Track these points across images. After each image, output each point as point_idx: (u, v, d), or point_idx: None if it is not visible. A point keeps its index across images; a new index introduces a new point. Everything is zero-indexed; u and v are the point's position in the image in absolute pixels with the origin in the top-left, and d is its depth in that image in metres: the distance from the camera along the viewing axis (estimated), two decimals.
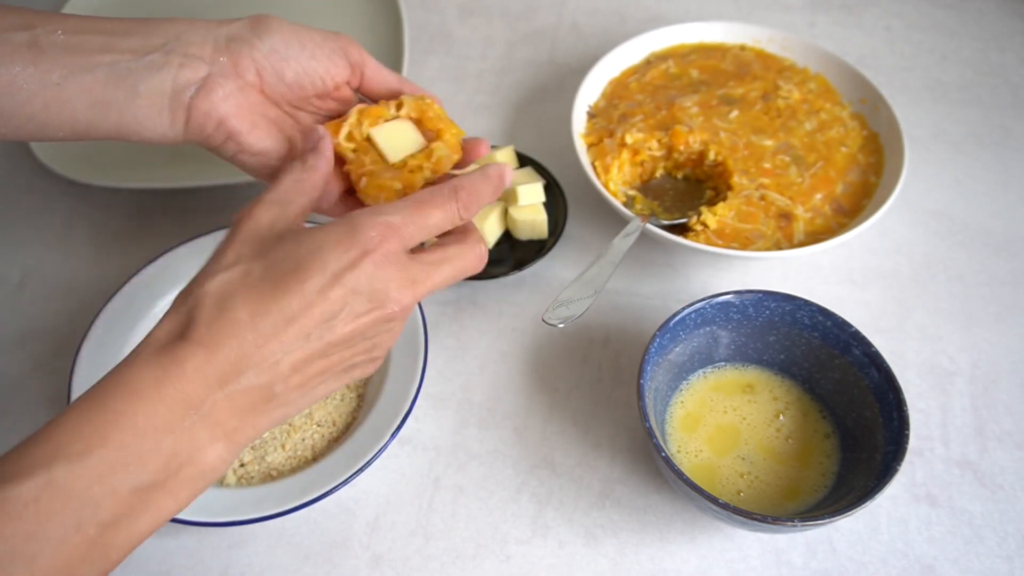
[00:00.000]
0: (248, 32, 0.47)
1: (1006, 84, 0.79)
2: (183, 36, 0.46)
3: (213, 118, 0.46)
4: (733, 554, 0.51)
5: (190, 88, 0.46)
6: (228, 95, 0.46)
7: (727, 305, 0.54)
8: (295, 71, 0.48)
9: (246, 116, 0.47)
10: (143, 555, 0.51)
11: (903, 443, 0.47)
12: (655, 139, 0.66)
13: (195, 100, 0.46)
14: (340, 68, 0.50)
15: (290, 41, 0.48)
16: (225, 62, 0.47)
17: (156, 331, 0.37)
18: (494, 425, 0.57)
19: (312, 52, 0.49)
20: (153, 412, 0.34)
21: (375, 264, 0.38)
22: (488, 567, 0.51)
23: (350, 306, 0.38)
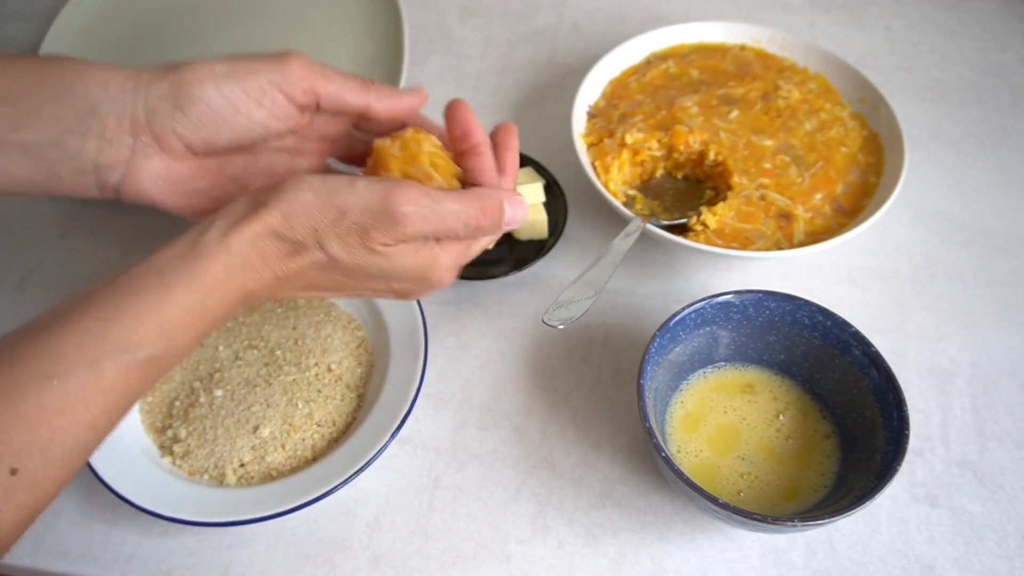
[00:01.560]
0: (169, 104, 0.42)
1: (1006, 84, 0.79)
2: (99, 110, 0.42)
3: (143, 199, 0.44)
4: (733, 554, 0.51)
5: (113, 172, 0.43)
6: (156, 178, 0.43)
7: (727, 305, 0.54)
8: (229, 138, 0.44)
9: (180, 192, 0.45)
10: (143, 555, 0.51)
11: (903, 443, 0.47)
12: (655, 139, 0.66)
13: (121, 184, 0.43)
14: (285, 119, 0.45)
15: (219, 109, 0.43)
16: (147, 140, 0.43)
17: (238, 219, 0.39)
18: (494, 425, 0.57)
19: (248, 114, 0.43)
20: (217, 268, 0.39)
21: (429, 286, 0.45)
22: (488, 567, 0.51)
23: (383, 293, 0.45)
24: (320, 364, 0.56)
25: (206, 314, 0.38)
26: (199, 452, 0.52)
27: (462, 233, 0.42)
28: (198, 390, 0.55)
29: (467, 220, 0.42)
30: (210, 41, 0.81)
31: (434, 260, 0.43)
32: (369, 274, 0.42)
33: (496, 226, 0.43)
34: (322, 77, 0.44)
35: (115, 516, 0.52)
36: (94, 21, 0.83)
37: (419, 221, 0.40)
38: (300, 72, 0.43)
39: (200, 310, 0.38)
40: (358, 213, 0.39)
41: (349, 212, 0.39)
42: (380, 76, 0.76)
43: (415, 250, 0.42)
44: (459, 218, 0.41)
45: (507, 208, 0.44)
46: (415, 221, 0.40)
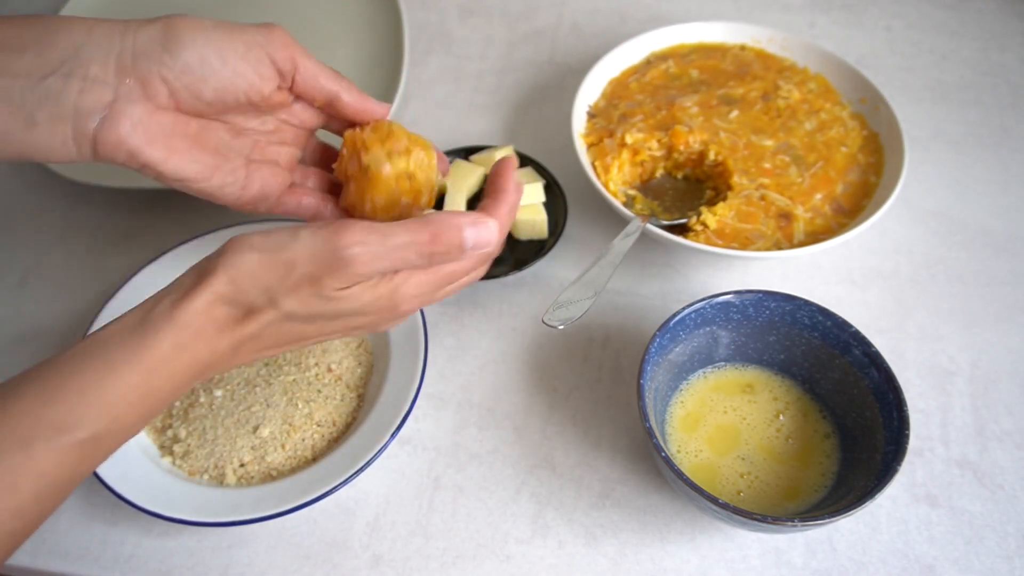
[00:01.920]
0: (157, 47, 0.42)
1: (1006, 84, 0.79)
2: (82, 51, 0.41)
3: (123, 149, 0.42)
4: (733, 554, 0.51)
5: (93, 117, 0.41)
6: (137, 124, 0.42)
7: (727, 305, 0.54)
8: (214, 88, 0.43)
9: (160, 143, 0.43)
10: (143, 555, 0.51)
11: (903, 443, 0.47)
12: (655, 139, 0.66)
13: (100, 131, 0.42)
14: (267, 79, 0.45)
15: (206, 56, 0.42)
16: (132, 84, 0.42)
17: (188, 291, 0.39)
18: (494, 425, 0.57)
19: (234, 66, 0.43)
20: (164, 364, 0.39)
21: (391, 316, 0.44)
22: (488, 567, 0.51)
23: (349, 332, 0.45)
24: (320, 364, 0.56)
25: (153, 391, 0.38)
26: (199, 452, 0.52)
27: (419, 263, 0.41)
28: (198, 390, 0.55)
29: (420, 250, 0.40)
30: None
31: (395, 292, 0.42)
32: (329, 319, 0.41)
33: (455, 252, 0.41)
34: (301, 51, 0.45)
35: (115, 516, 0.52)
36: None
37: (370, 260, 0.39)
38: (282, 40, 0.44)
39: (146, 387, 0.37)
40: (305, 263, 0.39)
41: (297, 264, 0.39)
42: (380, 76, 0.77)
43: (373, 287, 0.41)
44: (411, 249, 0.40)
45: (469, 232, 0.41)
46: (366, 261, 0.39)
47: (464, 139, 0.74)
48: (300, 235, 0.39)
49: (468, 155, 0.69)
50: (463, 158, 0.69)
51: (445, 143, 0.73)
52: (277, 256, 0.39)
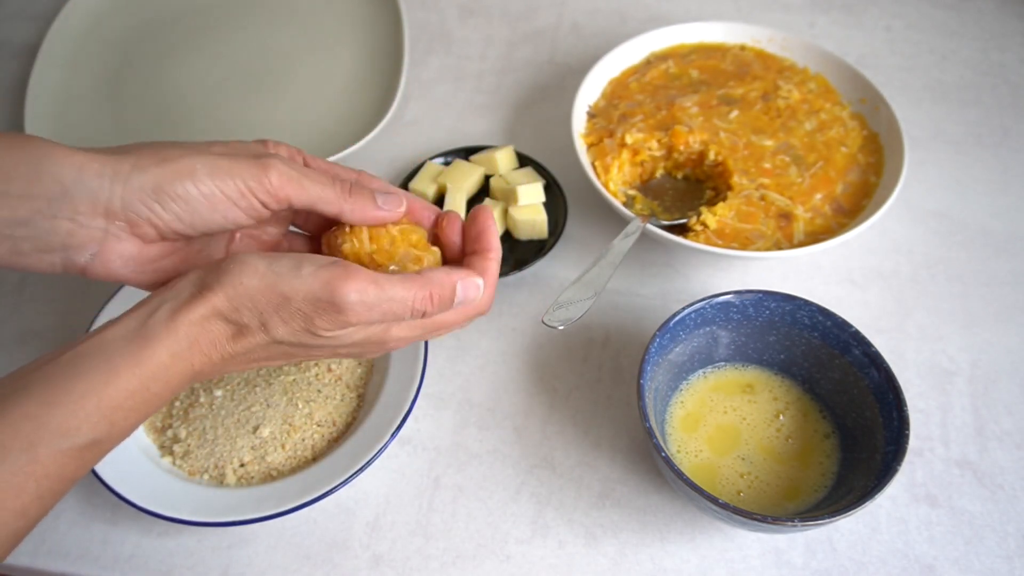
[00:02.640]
0: (148, 197, 0.42)
1: (1006, 84, 0.79)
2: (71, 193, 0.41)
3: (113, 278, 0.44)
4: (733, 554, 0.51)
5: (83, 253, 0.42)
6: (127, 260, 0.43)
7: (727, 305, 0.54)
8: (202, 230, 0.44)
9: (148, 273, 0.45)
10: (143, 555, 0.51)
11: (903, 443, 0.47)
12: (655, 139, 0.66)
13: (91, 265, 0.43)
14: (258, 216, 0.44)
15: (196, 207, 0.42)
16: (121, 226, 0.42)
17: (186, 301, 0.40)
18: (494, 425, 0.57)
19: (225, 212, 0.43)
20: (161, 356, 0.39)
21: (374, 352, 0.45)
22: (488, 567, 0.51)
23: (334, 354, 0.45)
24: (320, 364, 0.56)
25: (150, 398, 0.39)
26: (199, 452, 0.52)
27: (409, 318, 0.43)
28: (198, 390, 0.55)
29: (414, 306, 0.42)
30: (210, 41, 0.81)
31: (384, 333, 0.43)
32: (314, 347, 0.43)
33: (445, 309, 0.43)
34: (298, 187, 0.43)
35: (115, 516, 0.52)
36: (94, 21, 0.83)
37: (363, 311, 0.40)
38: (277, 183, 0.43)
39: (144, 394, 0.38)
40: (301, 301, 0.40)
41: (293, 298, 0.40)
42: (380, 76, 0.77)
43: (363, 329, 0.42)
44: (406, 304, 0.41)
45: (459, 289, 0.43)
46: (359, 312, 0.40)
47: (464, 139, 0.74)
48: (303, 270, 0.40)
49: (468, 155, 0.69)
50: (463, 158, 0.69)
51: (445, 143, 0.73)
52: (276, 286, 0.40)
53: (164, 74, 0.78)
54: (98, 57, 0.80)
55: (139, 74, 0.79)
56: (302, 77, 0.78)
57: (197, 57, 0.80)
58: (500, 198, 0.66)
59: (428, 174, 0.67)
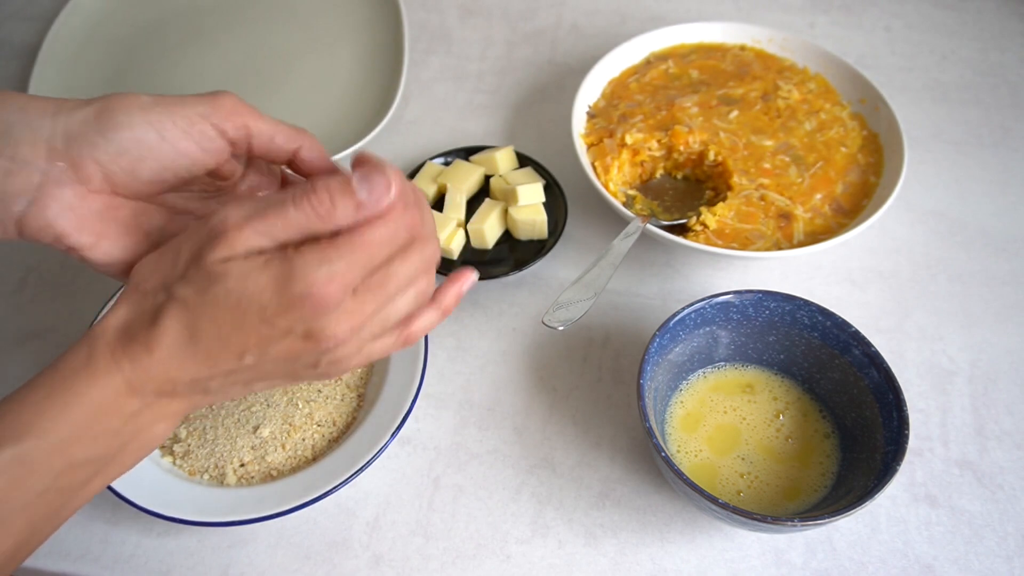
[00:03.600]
0: (91, 129, 0.39)
1: (1006, 84, 0.79)
2: (12, 131, 0.39)
3: (49, 233, 0.40)
4: (733, 554, 0.51)
5: (19, 200, 0.39)
6: (66, 208, 0.39)
7: (727, 305, 0.54)
8: (152, 168, 0.40)
9: (90, 228, 0.40)
10: (143, 555, 0.51)
11: (903, 443, 0.47)
12: (655, 139, 0.66)
13: (26, 214, 0.39)
14: (213, 152, 0.41)
15: (144, 136, 0.39)
16: (63, 167, 0.39)
17: (118, 314, 0.38)
18: (494, 425, 0.57)
19: (174, 143, 0.40)
20: (108, 397, 0.37)
21: (312, 309, 0.36)
22: (488, 567, 0.51)
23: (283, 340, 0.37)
24: None
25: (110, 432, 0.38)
26: (199, 452, 0.52)
27: (297, 214, 0.36)
28: None
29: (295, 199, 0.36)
30: (210, 41, 0.81)
31: (291, 272, 0.35)
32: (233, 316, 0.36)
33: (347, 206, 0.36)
34: (253, 114, 0.41)
35: (115, 516, 0.52)
36: (94, 21, 0.84)
37: (241, 221, 0.36)
38: (231, 107, 0.41)
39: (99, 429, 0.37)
40: (187, 244, 0.37)
41: (181, 248, 0.37)
42: (380, 76, 0.77)
43: (262, 265, 0.36)
44: (286, 201, 0.36)
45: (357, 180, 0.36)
46: (236, 222, 0.36)
47: (464, 139, 0.74)
48: (192, 224, 0.38)
49: (468, 155, 0.69)
50: (463, 158, 0.69)
51: (445, 143, 0.73)
52: (167, 248, 0.38)
53: (164, 74, 0.78)
54: (98, 57, 0.80)
55: (139, 74, 0.79)
56: (302, 77, 0.78)
57: (197, 57, 0.80)
58: (500, 198, 0.66)
59: (428, 174, 0.67)
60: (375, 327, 0.39)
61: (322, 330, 0.37)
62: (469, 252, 0.64)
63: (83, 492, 0.38)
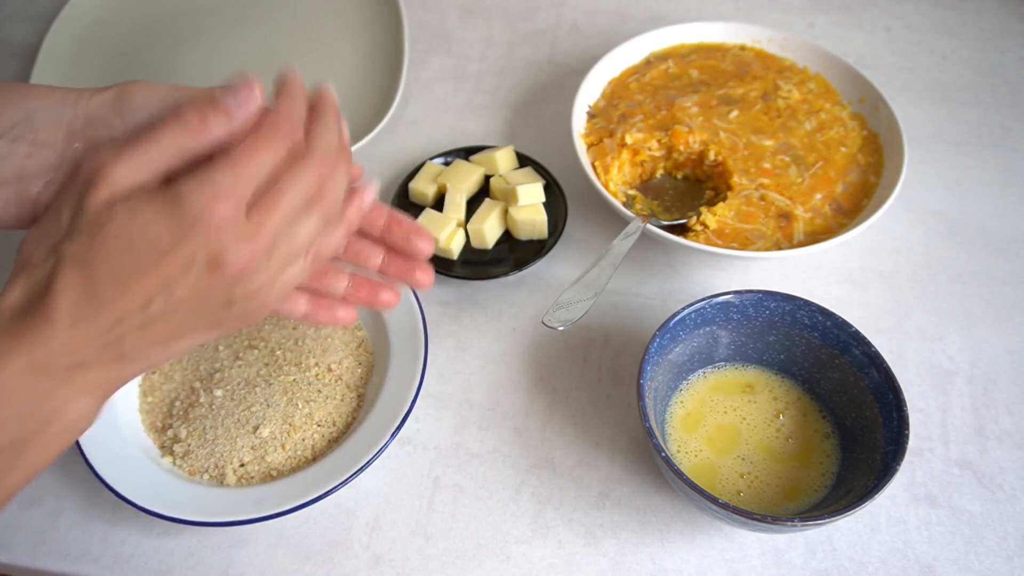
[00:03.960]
0: (109, 111, 0.40)
1: (1006, 84, 0.79)
2: (35, 116, 0.40)
3: None
4: (733, 554, 0.51)
5: (37, 181, 0.40)
6: None
7: (727, 305, 0.54)
8: None
9: None
10: (143, 555, 0.51)
11: (903, 443, 0.47)
12: (655, 139, 0.66)
13: (43, 196, 0.40)
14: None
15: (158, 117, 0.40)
16: (79, 148, 0.40)
17: (10, 295, 0.36)
18: (494, 425, 0.57)
19: None
20: (12, 380, 0.34)
21: (206, 232, 0.35)
22: (488, 567, 0.51)
23: (184, 274, 0.35)
24: (320, 364, 0.56)
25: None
26: (199, 452, 0.52)
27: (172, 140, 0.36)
28: (198, 390, 0.55)
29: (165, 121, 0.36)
30: (210, 41, 0.81)
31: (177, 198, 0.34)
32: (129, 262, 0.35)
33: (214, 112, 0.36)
34: None
35: (115, 516, 0.52)
36: (94, 21, 0.84)
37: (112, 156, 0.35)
38: None
39: None
40: (67, 201, 0.36)
41: (61, 208, 0.36)
42: (380, 76, 0.77)
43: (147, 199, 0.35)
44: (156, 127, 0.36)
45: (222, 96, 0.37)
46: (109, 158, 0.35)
47: (464, 139, 0.74)
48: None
49: (468, 155, 0.69)
50: (463, 158, 0.69)
51: (445, 143, 0.73)
52: (49, 211, 0.37)
53: (164, 74, 0.78)
54: (98, 57, 0.80)
55: (139, 74, 0.79)
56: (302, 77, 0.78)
57: (197, 58, 0.80)
58: (500, 198, 0.66)
59: (428, 174, 0.67)
60: (281, 253, 0.37)
61: (222, 255, 0.35)
62: (469, 252, 0.64)
63: (6, 481, 0.36)
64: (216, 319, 0.38)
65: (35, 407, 0.35)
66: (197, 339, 0.38)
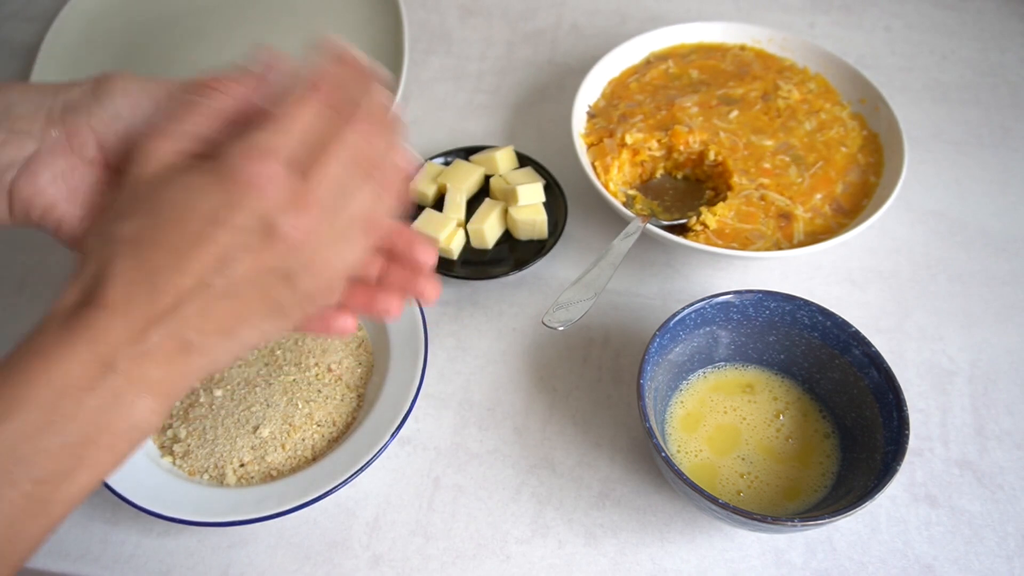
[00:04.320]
0: (89, 99, 0.39)
1: (1006, 84, 0.79)
2: (14, 107, 0.39)
3: (38, 205, 0.39)
4: (733, 554, 0.51)
5: (12, 169, 0.38)
6: (57, 177, 0.39)
7: (727, 305, 0.54)
8: None
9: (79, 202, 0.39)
10: (143, 555, 0.51)
11: (903, 443, 0.47)
12: (655, 139, 0.66)
13: (17, 182, 0.38)
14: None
15: (138, 103, 0.39)
16: (58, 136, 0.39)
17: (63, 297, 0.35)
18: (494, 425, 0.57)
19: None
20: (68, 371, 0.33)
21: (256, 195, 0.33)
22: (488, 567, 0.51)
23: (240, 245, 0.34)
24: (320, 364, 0.56)
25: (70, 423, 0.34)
26: (199, 452, 0.52)
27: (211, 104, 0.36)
28: (198, 390, 0.55)
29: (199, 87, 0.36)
30: (209, 41, 0.81)
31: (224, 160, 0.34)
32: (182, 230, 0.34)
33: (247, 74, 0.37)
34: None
35: (115, 516, 0.52)
36: (94, 21, 0.84)
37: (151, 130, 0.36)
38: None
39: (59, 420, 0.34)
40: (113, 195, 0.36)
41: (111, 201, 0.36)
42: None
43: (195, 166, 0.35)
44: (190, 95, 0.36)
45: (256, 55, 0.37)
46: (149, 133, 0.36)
47: (464, 139, 0.74)
48: None
49: (468, 155, 0.69)
50: (463, 158, 0.69)
51: (445, 143, 0.73)
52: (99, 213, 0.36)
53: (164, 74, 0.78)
54: (98, 57, 0.80)
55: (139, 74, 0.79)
56: None
57: (197, 57, 0.80)
58: (500, 198, 0.66)
59: (428, 174, 0.67)
60: (337, 223, 0.35)
61: (275, 221, 0.33)
62: (469, 252, 0.64)
63: (71, 484, 0.34)
64: (278, 303, 0.36)
65: (98, 404, 0.34)
66: (262, 328, 0.37)
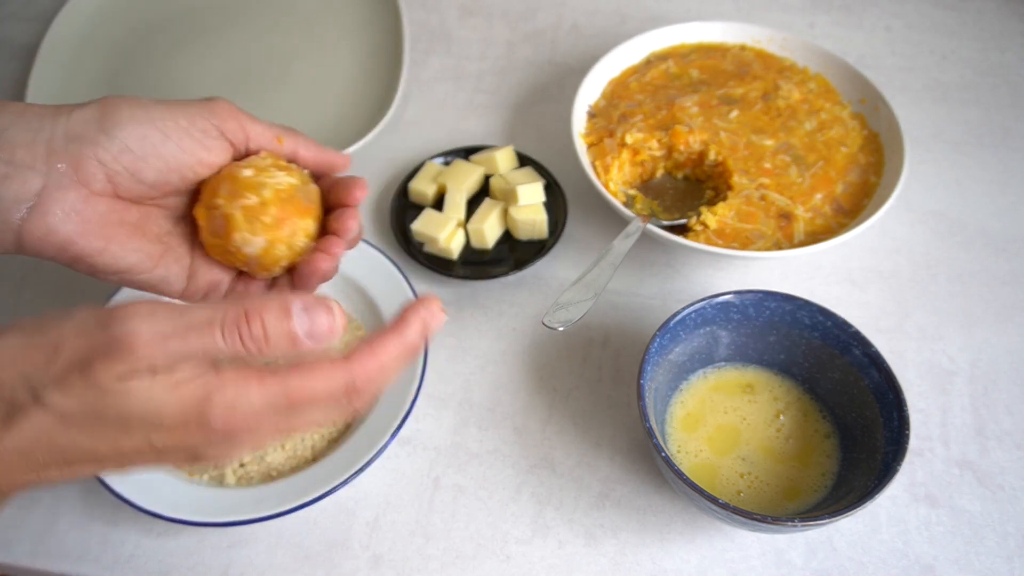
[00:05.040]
0: (92, 128, 0.38)
1: (1006, 84, 0.79)
2: (7, 134, 0.36)
3: (52, 243, 0.37)
4: (733, 554, 0.51)
5: (20, 207, 0.36)
6: (69, 213, 0.37)
7: (727, 305, 0.54)
8: (156, 168, 0.39)
9: (96, 233, 0.38)
10: (143, 555, 0.51)
11: (903, 443, 0.47)
12: (655, 139, 0.66)
13: (27, 222, 0.37)
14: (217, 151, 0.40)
15: (147, 134, 0.38)
16: (64, 169, 0.37)
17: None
18: (494, 425, 0.57)
19: (177, 141, 0.39)
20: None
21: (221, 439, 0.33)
22: (488, 567, 0.51)
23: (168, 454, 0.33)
24: None
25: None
26: None
27: (226, 346, 0.32)
28: None
29: (225, 326, 0.32)
30: (210, 41, 0.81)
31: (207, 397, 0.31)
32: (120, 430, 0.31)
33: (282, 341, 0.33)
34: (248, 118, 0.42)
35: (115, 516, 0.52)
36: (94, 22, 0.83)
37: (155, 340, 0.31)
38: (228, 110, 0.41)
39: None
40: (72, 343, 0.31)
41: (63, 346, 0.31)
42: (380, 76, 0.77)
43: (174, 385, 0.31)
44: (213, 326, 0.32)
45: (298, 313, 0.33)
46: (149, 340, 0.30)
47: (464, 139, 0.74)
48: (75, 311, 0.32)
49: (468, 155, 0.69)
50: (463, 158, 0.69)
51: (445, 143, 0.73)
52: (40, 336, 0.31)
53: (164, 75, 0.78)
54: (97, 57, 0.80)
55: (138, 74, 0.79)
56: (302, 77, 0.78)
57: (197, 57, 0.80)
58: (500, 198, 0.66)
59: (428, 174, 0.67)
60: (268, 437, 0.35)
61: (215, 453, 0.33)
62: (469, 252, 0.64)
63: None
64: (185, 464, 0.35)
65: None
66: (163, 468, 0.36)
